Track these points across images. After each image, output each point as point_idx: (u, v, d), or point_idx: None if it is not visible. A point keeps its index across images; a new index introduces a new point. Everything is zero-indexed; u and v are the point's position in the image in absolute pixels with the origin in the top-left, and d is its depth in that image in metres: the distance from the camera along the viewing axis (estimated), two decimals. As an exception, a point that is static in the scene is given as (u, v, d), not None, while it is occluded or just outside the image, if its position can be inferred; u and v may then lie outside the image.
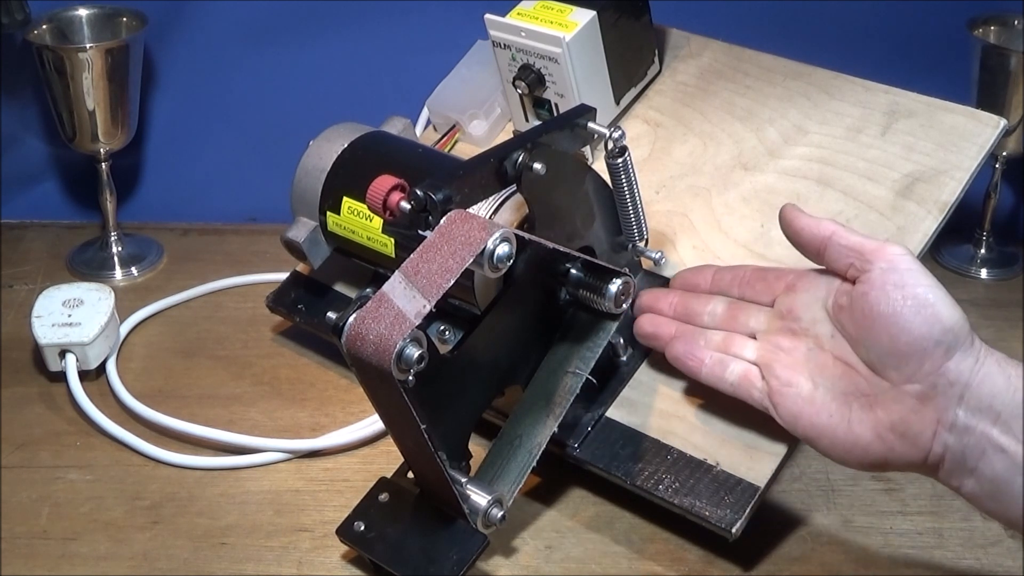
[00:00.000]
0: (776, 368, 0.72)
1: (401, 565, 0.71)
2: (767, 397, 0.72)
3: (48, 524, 0.78)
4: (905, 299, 0.67)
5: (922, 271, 0.68)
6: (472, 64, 1.00)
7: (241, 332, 0.99)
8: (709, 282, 0.79)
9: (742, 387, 0.73)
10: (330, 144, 0.88)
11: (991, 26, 1.06)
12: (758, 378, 0.73)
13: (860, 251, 0.69)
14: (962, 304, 0.67)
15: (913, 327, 0.66)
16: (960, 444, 0.66)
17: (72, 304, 0.92)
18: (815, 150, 0.85)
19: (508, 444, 0.76)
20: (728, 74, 0.93)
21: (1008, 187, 1.13)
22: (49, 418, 0.88)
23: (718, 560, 0.75)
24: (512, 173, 0.74)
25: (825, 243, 0.71)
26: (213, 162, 1.16)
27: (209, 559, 0.76)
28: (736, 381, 0.74)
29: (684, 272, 0.81)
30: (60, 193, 1.17)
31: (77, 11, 1.07)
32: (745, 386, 0.73)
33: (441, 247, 0.67)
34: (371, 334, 0.66)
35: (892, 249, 0.69)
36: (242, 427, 0.87)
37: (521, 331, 0.76)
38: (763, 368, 0.73)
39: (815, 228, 0.72)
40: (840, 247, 0.70)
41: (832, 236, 0.71)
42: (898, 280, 0.67)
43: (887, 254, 0.68)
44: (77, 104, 1.03)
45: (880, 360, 0.67)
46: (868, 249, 0.69)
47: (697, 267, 0.81)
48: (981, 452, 0.65)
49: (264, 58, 1.13)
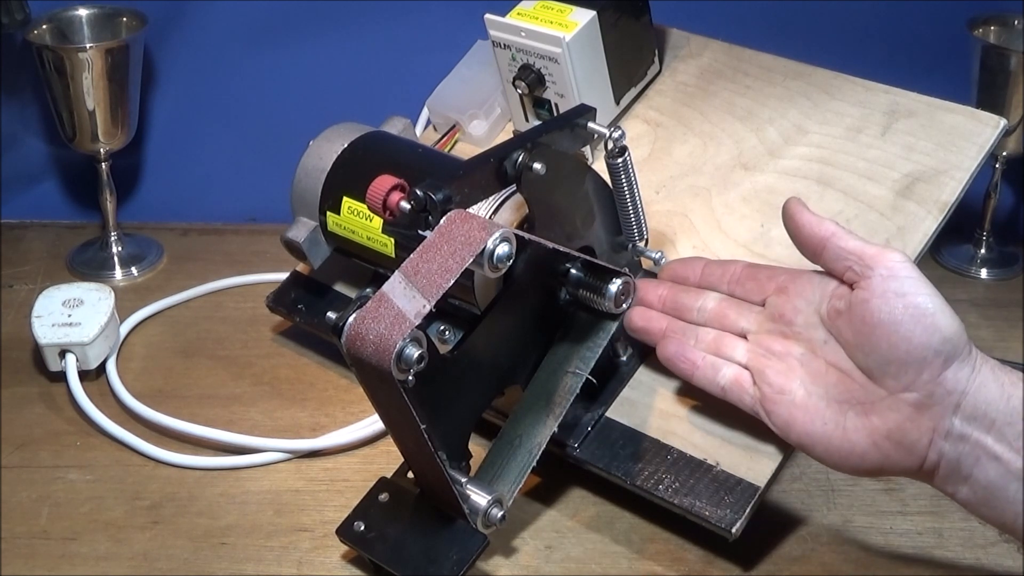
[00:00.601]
0: (768, 374, 0.72)
1: (401, 565, 0.71)
2: (759, 403, 0.72)
3: (48, 524, 0.78)
4: (906, 308, 0.67)
5: (922, 279, 0.68)
6: (472, 64, 1.00)
7: (241, 332, 0.99)
8: (699, 275, 0.78)
9: (733, 392, 0.73)
10: (330, 144, 0.88)
11: (991, 26, 1.06)
12: (750, 383, 0.73)
13: (860, 255, 0.69)
14: (962, 304, 0.68)
15: (913, 336, 0.66)
16: (955, 452, 0.66)
17: (72, 304, 0.92)
18: (815, 150, 0.85)
19: (508, 444, 0.76)
20: (728, 74, 0.93)
21: (1008, 187, 1.13)
22: (49, 418, 0.88)
23: (718, 560, 0.75)
24: (512, 173, 0.74)
25: (824, 243, 0.71)
26: (213, 162, 1.16)
27: (209, 559, 0.76)
28: (727, 385, 0.73)
29: (673, 263, 0.80)
30: (60, 193, 1.17)
31: (77, 11, 1.07)
32: (736, 391, 0.73)
33: (441, 247, 0.67)
34: (371, 334, 0.66)
35: (892, 255, 0.69)
36: (242, 427, 0.87)
37: (521, 331, 0.76)
38: (755, 374, 0.73)
39: (816, 226, 0.71)
40: (839, 249, 0.70)
41: (831, 237, 0.70)
42: (899, 288, 0.67)
43: (887, 260, 0.68)
44: (77, 104, 1.03)
45: (878, 367, 0.67)
46: (868, 254, 0.69)
47: (687, 259, 0.80)
48: (975, 460, 0.66)
49: (264, 58, 1.13)
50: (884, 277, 0.68)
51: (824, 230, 0.71)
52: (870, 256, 0.69)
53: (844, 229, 0.71)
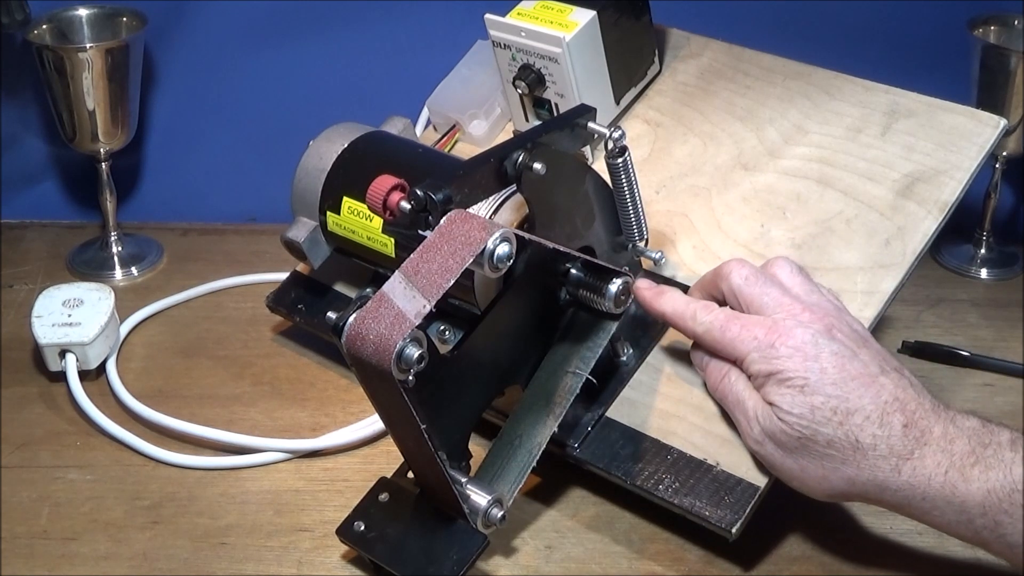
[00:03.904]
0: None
1: (401, 565, 0.71)
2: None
3: (48, 524, 0.78)
4: None
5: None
6: (472, 64, 1.00)
7: (241, 332, 0.99)
8: None
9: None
10: (330, 144, 0.88)
11: (991, 26, 1.06)
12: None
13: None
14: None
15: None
16: None
17: (72, 304, 0.92)
18: (815, 150, 0.85)
19: (508, 444, 0.76)
20: (728, 74, 0.93)
21: (1008, 187, 1.13)
22: (49, 418, 0.88)
23: (718, 560, 0.75)
24: (512, 173, 0.74)
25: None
26: (213, 162, 1.16)
27: (209, 559, 0.76)
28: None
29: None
30: (60, 193, 1.17)
31: (77, 11, 1.07)
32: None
33: (441, 247, 0.67)
34: (371, 334, 0.66)
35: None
36: (242, 427, 0.87)
37: (521, 331, 0.76)
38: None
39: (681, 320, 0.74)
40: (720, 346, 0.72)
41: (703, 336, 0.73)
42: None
43: None
44: (77, 104, 1.03)
45: None
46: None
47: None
48: None
49: (264, 58, 1.13)
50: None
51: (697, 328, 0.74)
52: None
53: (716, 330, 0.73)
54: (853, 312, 0.76)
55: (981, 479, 0.65)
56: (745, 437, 0.72)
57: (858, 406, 0.67)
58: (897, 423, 0.67)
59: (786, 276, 0.73)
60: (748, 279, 0.73)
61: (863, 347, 0.70)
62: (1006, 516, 0.64)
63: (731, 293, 0.73)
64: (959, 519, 0.66)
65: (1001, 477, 0.64)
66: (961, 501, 0.65)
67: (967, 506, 0.65)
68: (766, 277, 0.73)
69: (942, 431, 0.67)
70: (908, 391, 0.68)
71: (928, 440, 0.66)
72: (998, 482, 0.64)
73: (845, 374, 0.67)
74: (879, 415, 0.67)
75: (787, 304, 0.71)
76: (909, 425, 0.67)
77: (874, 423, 0.67)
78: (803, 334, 0.69)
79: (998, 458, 0.65)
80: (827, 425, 0.67)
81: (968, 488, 0.65)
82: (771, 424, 0.69)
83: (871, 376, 0.68)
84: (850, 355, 0.68)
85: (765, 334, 0.69)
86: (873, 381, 0.68)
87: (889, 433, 0.66)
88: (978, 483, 0.65)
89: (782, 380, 0.68)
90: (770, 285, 0.72)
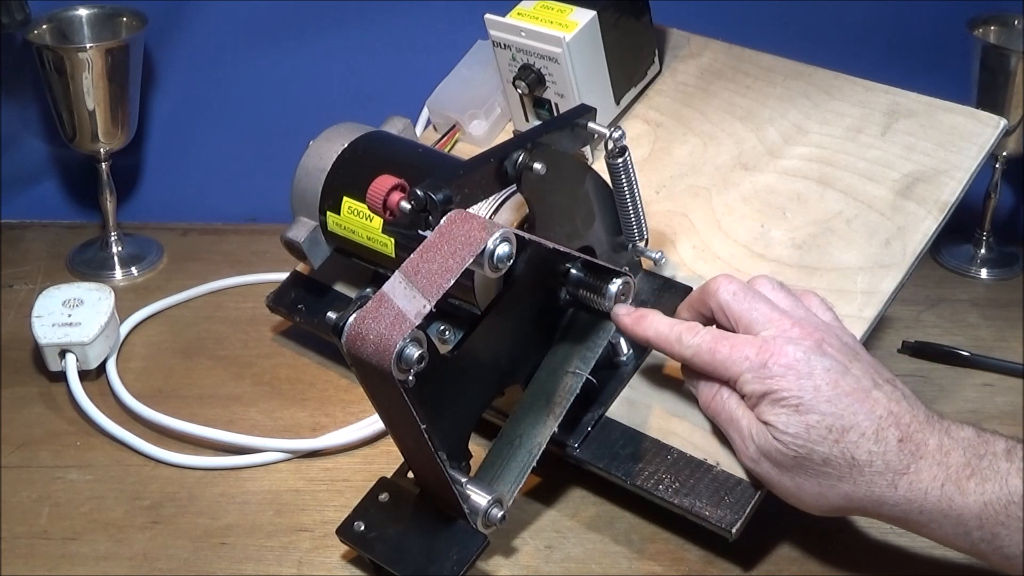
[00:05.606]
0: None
1: (401, 565, 0.71)
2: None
3: (48, 524, 0.78)
4: None
5: None
6: (472, 64, 1.00)
7: (241, 332, 0.99)
8: None
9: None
10: (330, 144, 0.88)
11: (991, 26, 1.06)
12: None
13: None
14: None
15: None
16: None
17: (72, 304, 0.92)
18: (815, 150, 0.85)
19: (508, 444, 0.76)
20: (728, 74, 0.93)
21: (1008, 187, 1.13)
22: (49, 418, 0.88)
23: (718, 560, 0.75)
24: (512, 173, 0.74)
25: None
26: (213, 162, 1.16)
27: (209, 559, 0.76)
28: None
29: None
30: (60, 193, 1.17)
31: (77, 11, 1.07)
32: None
33: (441, 247, 0.67)
34: (371, 334, 0.66)
35: None
36: (242, 427, 0.87)
37: (521, 331, 0.76)
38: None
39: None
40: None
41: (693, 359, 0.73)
42: None
43: None
44: (77, 104, 1.03)
45: None
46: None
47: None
48: None
49: (264, 58, 1.13)
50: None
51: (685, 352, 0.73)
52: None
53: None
54: (853, 312, 0.76)
55: (977, 491, 0.65)
56: (740, 455, 0.72)
57: (853, 423, 0.67)
58: (892, 438, 0.67)
59: (769, 292, 0.73)
60: (736, 295, 0.72)
61: (854, 360, 0.69)
62: (1003, 528, 0.64)
63: (719, 309, 0.73)
64: (956, 532, 0.66)
65: (997, 489, 0.64)
66: (958, 514, 0.65)
67: (964, 519, 0.65)
68: (754, 292, 0.73)
69: (937, 443, 0.66)
70: (902, 404, 0.68)
71: (924, 453, 0.66)
72: (994, 494, 0.64)
73: (839, 390, 0.67)
74: (874, 431, 0.67)
75: (776, 319, 0.71)
76: (904, 439, 0.67)
77: (869, 439, 0.67)
78: (794, 352, 0.68)
79: (994, 469, 0.65)
80: (823, 444, 0.67)
81: (964, 501, 0.65)
82: (767, 443, 0.69)
83: (864, 391, 0.68)
84: (842, 370, 0.68)
85: (756, 353, 0.69)
86: (867, 396, 0.68)
87: (885, 449, 0.66)
88: (974, 496, 0.65)
89: (776, 400, 0.68)
90: (758, 300, 0.72)
